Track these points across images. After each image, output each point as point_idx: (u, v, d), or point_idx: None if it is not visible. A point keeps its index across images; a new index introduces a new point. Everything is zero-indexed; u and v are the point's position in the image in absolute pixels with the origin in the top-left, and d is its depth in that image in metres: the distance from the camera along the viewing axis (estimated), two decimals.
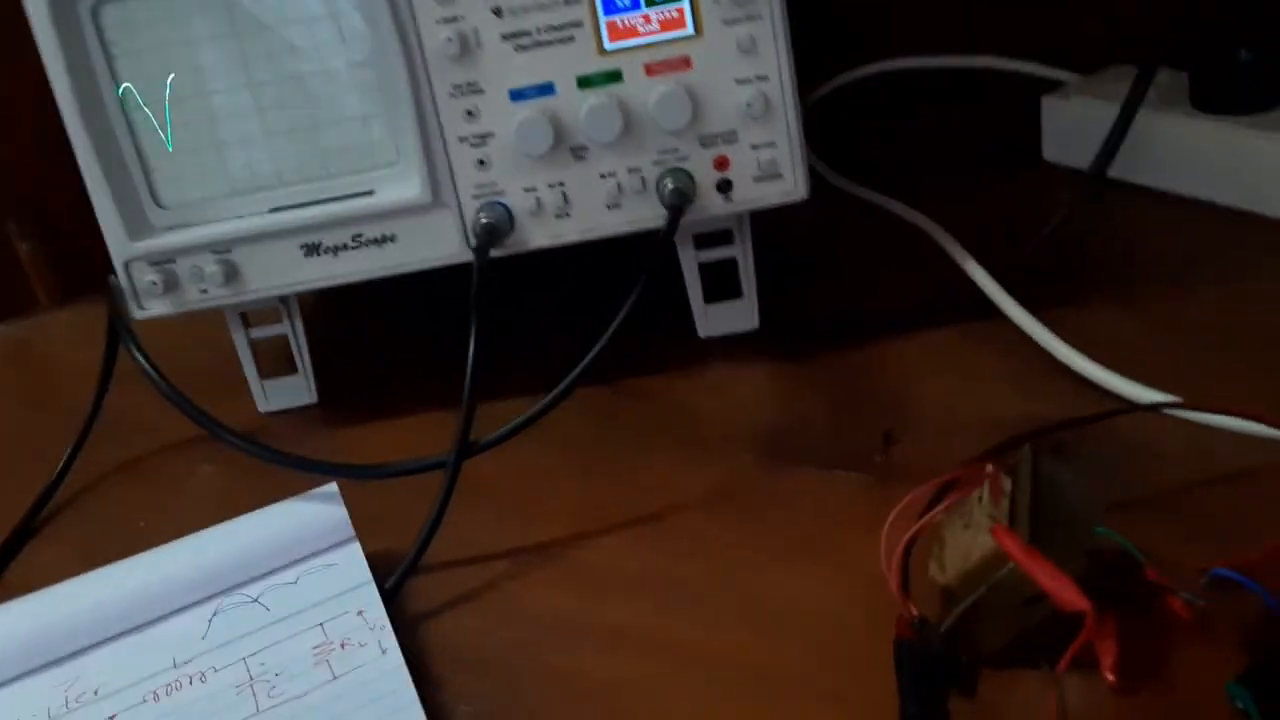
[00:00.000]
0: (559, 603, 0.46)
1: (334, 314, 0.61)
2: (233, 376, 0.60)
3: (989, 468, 0.41)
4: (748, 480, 0.50)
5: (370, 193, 0.54)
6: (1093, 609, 0.35)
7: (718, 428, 0.54)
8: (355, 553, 0.46)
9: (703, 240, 0.58)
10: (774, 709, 0.40)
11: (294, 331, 0.59)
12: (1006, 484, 0.41)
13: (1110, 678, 0.38)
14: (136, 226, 0.54)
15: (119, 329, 0.52)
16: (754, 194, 0.54)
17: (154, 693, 0.42)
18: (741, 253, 0.58)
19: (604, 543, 0.48)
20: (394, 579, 0.45)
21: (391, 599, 0.45)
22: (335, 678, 0.41)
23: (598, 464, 0.53)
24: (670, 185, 0.53)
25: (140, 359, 0.51)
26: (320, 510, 0.48)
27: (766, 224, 0.57)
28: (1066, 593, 0.35)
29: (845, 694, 0.40)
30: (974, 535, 0.39)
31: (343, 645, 0.42)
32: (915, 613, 0.38)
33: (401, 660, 0.41)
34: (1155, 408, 0.48)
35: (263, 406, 0.60)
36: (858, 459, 0.50)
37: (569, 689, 0.42)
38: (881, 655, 0.40)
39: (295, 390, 0.60)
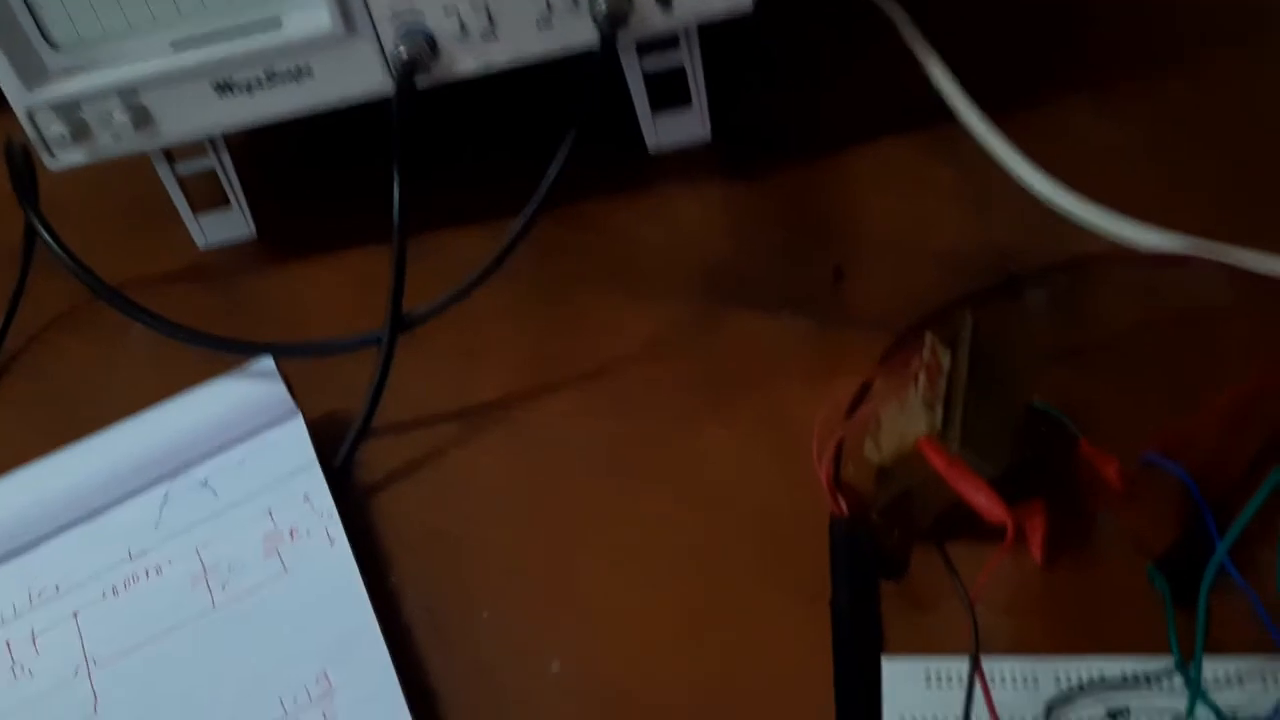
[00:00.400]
0: (504, 471, 0.46)
1: (270, 143, 0.57)
2: (173, 206, 0.57)
3: (926, 346, 0.40)
4: (693, 326, 0.49)
5: (278, 24, 0.50)
6: (1013, 521, 0.35)
7: (664, 264, 0.52)
8: (298, 428, 0.46)
9: (647, 45, 0.54)
10: (712, 585, 0.41)
11: (222, 166, 0.56)
12: (945, 359, 0.40)
13: (1037, 556, 0.39)
14: (30, 71, 0.50)
15: (27, 214, 0.49)
16: (696, 5, 0.50)
17: (113, 587, 0.43)
18: (689, 61, 0.53)
19: (548, 403, 0.48)
20: (339, 459, 0.46)
21: (338, 479, 0.45)
22: (286, 570, 0.42)
23: (540, 308, 0.51)
24: (603, 3, 0.49)
25: (51, 243, 0.49)
26: (258, 386, 0.47)
27: None
28: (988, 506, 0.35)
29: (782, 569, 0.41)
30: (909, 421, 0.39)
31: (292, 534, 0.43)
32: (845, 512, 0.39)
33: (349, 552, 0.42)
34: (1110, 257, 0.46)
35: (201, 242, 0.58)
36: (806, 298, 0.49)
37: (514, 571, 0.43)
38: (819, 528, 0.41)
39: (232, 224, 0.57)
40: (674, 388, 0.47)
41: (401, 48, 0.49)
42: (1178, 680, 0.35)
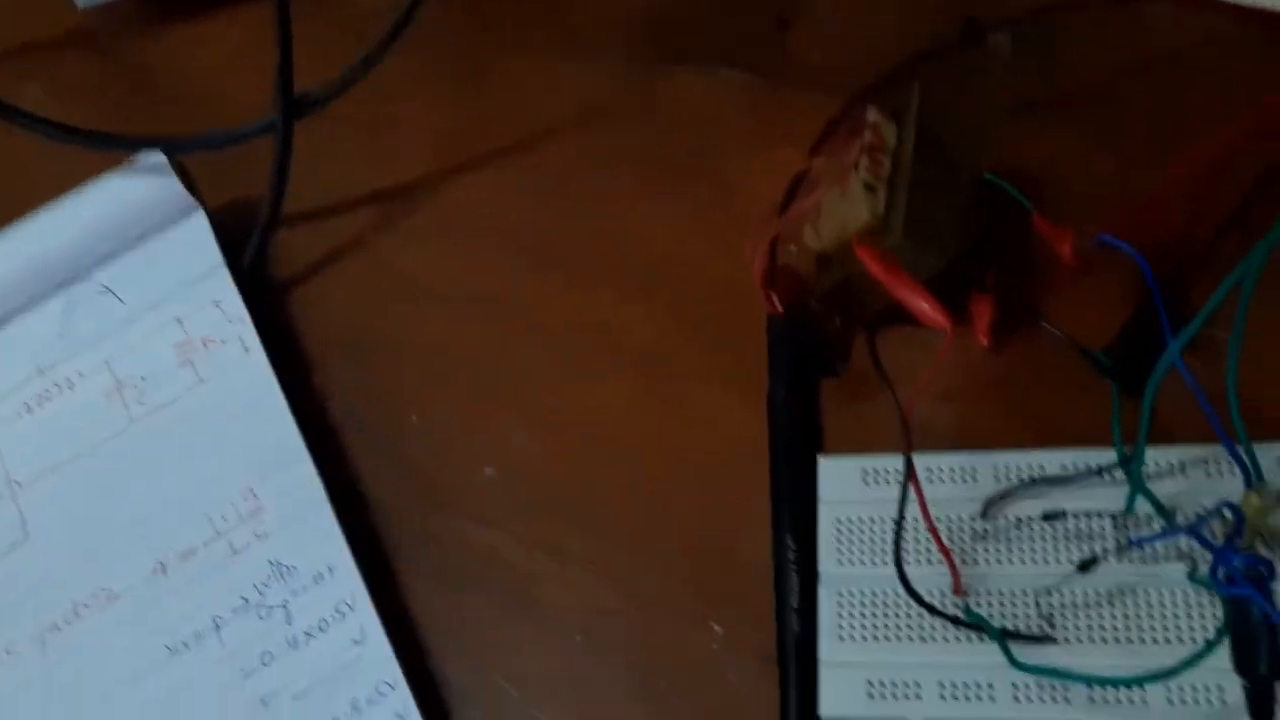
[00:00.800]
0: (426, 262, 0.43)
1: None
2: None
3: (869, 124, 0.36)
4: (625, 88, 0.45)
5: None
6: (953, 325, 0.33)
7: (593, 17, 0.47)
8: (201, 226, 0.43)
9: None
10: (650, 381, 0.39)
11: None
12: (890, 135, 0.37)
13: (983, 341, 0.37)
14: None
15: None
16: None
17: (26, 405, 0.41)
18: None
19: (471, 184, 0.44)
20: (248, 257, 0.43)
21: (248, 278, 0.43)
22: (201, 381, 0.41)
23: (459, 72, 0.47)
24: None
25: None
26: (152, 182, 0.43)
27: None
28: (927, 313, 0.33)
29: (722, 361, 0.39)
30: (851, 207, 0.36)
31: (205, 343, 0.41)
32: (780, 310, 0.36)
33: (265, 360, 0.40)
34: None
35: (81, 1, 0.52)
36: (746, 50, 0.44)
37: (441, 370, 0.41)
38: (762, 315, 0.39)
39: None
40: (607, 160, 0.43)
41: None
42: (1119, 474, 0.34)
